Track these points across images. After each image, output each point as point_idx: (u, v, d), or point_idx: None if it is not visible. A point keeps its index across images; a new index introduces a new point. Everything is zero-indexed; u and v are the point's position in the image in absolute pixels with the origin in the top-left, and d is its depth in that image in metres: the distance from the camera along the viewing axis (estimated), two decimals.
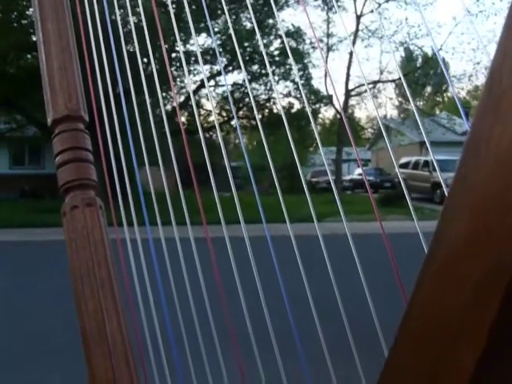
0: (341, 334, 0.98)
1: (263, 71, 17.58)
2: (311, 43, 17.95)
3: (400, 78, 21.68)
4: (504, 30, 0.43)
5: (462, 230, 0.46)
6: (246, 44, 15.77)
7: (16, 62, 15.14)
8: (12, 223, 12.47)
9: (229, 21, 7.07)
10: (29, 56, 15.02)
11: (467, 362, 0.44)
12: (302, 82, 17.86)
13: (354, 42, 19.51)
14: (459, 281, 0.46)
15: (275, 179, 1.11)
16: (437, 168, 0.95)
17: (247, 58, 16.73)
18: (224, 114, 20.38)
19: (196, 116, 2.32)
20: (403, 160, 22.43)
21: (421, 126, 1.12)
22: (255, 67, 17.89)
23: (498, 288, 0.42)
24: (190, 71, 16.76)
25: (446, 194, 0.54)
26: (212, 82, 18.62)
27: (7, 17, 13.83)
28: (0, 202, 18.65)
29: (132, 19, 1.36)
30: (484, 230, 0.44)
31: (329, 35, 20.42)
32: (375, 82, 21.51)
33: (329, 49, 20.59)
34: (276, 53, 17.48)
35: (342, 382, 0.98)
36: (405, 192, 1.01)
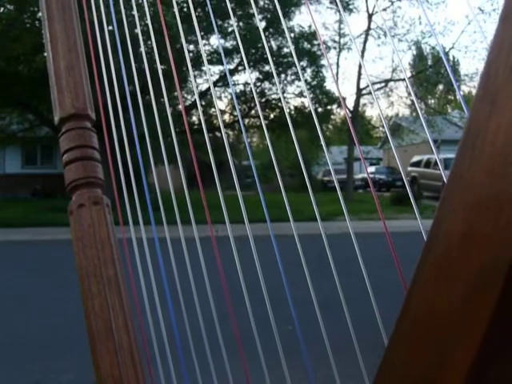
0: (349, 334, 0.97)
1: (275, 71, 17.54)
2: (324, 43, 17.92)
3: (412, 77, 21.59)
4: (499, 21, 0.43)
5: (457, 228, 0.45)
6: (259, 44, 15.71)
7: (29, 63, 15.20)
8: (24, 222, 12.54)
9: (233, 21, 7.08)
10: (41, 57, 15.08)
11: (463, 361, 0.44)
12: (315, 82, 17.80)
13: (365, 41, 19.44)
14: (454, 279, 0.45)
15: (279, 178, 1.10)
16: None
17: (260, 57, 16.71)
18: (236, 113, 20.38)
19: (201, 115, 2.32)
20: (415, 158, 22.36)
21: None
22: (268, 67, 17.86)
23: (492, 286, 0.42)
24: (202, 71, 16.79)
25: None
26: (225, 81, 18.61)
27: (20, 19, 13.88)
28: (12, 201, 18.84)
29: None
30: (478, 229, 0.43)
31: (340, 35, 20.36)
32: (387, 81, 21.42)
33: (341, 48, 20.53)
34: (289, 53, 17.43)
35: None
36: (409, 192, 1.01)
